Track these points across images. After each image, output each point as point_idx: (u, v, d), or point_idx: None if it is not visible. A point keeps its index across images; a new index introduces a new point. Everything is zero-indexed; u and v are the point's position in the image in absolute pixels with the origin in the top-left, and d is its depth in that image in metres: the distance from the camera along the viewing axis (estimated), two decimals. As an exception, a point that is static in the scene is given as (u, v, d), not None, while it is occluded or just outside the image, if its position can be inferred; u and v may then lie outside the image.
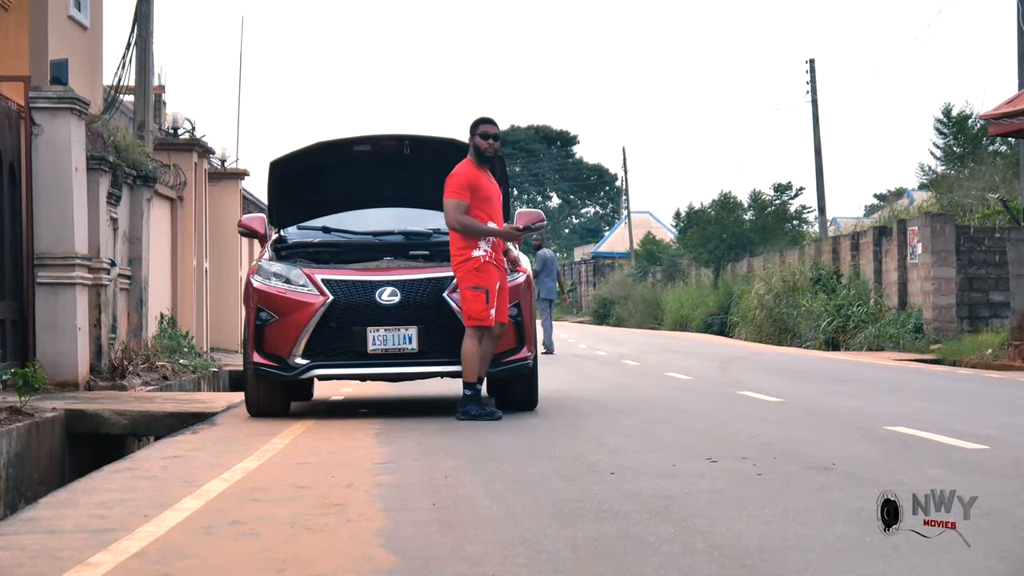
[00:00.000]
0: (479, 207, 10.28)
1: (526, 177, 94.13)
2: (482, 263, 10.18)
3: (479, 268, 10.17)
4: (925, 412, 10.82)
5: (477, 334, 10.17)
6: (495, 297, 10.17)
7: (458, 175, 10.35)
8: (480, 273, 10.16)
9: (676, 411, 11.40)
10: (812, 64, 44.72)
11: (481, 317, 10.13)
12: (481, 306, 10.12)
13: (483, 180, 10.37)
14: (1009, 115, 19.37)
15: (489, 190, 10.37)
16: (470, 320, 10.16)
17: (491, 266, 10.20)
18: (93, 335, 15.30)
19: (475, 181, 10.32)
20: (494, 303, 10.16)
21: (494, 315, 10.17)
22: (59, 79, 15.01)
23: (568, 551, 4.95)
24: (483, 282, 10.15)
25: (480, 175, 10.38)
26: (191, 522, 5.76)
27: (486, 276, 10.16)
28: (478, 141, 10.39)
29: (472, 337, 10.17)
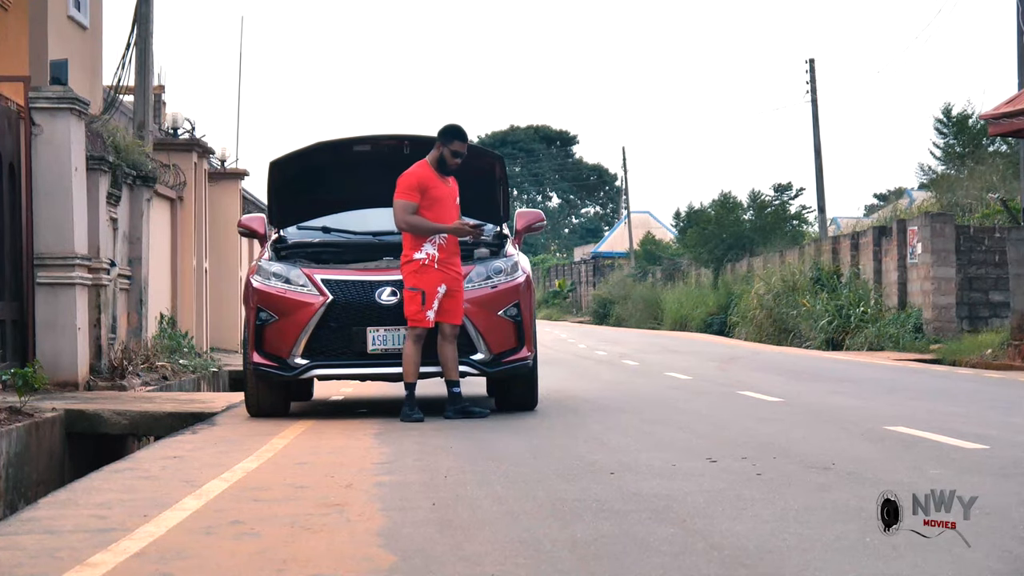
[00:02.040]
0: (428, 208, 10.30)
1: (526, 177, 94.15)
2: (421, 266, 10.25)
3: (418, 270, 10.25)
4: (925, 412, 10.82)
5: (413, 335, 10.23)
6: (433, 299, 10.19)
7: (409, 175, 10.40)
8: (418, 275, 10.24)
9: (676, 411, 11.40)
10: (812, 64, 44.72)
11: (416, 318, 10.22)
12: (416, 307, 10.20)
13: (435, 181, 10.39)
14: (1009, 115, 19.36)
15: (440, 191, 10.39)
16: (409, 320, 10.24)
17: (431, 269, 10.22)
18: (93, 335, 15.29)
19: (426, 182, 10.35)
20: (431, 305, 10.18)
21: (432, 317, 10.20)
22: (59, 79, 15.03)
23: (568, 551, 4.95)
24: (420, 284, 10.22)
25: (433, 176, 10.40)
26: (191, 522, 5.76)
27: (424, 278, 10.22)
28: (446, 154, 10.41)
29: (410, 338, 10.26)
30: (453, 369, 10.38)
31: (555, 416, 10.80)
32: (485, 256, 11.11)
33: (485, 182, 11.88)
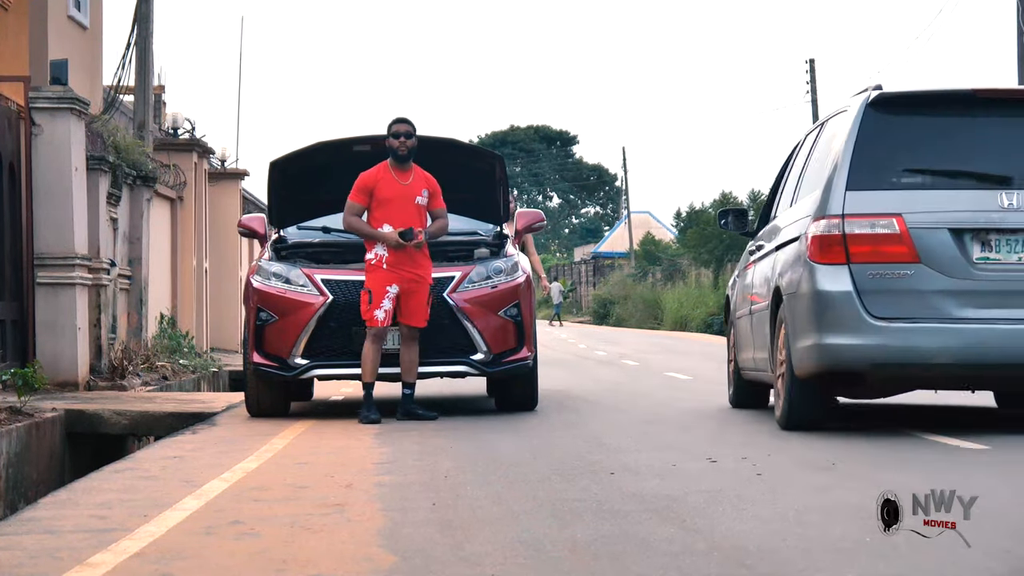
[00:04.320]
0: (378, 207, 10.29)
1: (526, 177, 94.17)
2: (370, 266, 10.26)
3: (368, 270, 10.28)
4: (925, 412, 10.81)
5: (371, 335, 10.26)
6: (381, 298, 10.18)
7: (362, 176, 10.43)
8: (368, 275, 10.26)
9: (676, 411, 11.40)
10: (812, 64, 44.75)
11: (365, 317, 10.23)
12: (364, 306, 10.22)
13: (388, 182, 10.34)
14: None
15: (392, 191, 10.32)
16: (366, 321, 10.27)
17: (379, 269, 10.22)
18: (93, 335, 15.30)
19: (374, 183, 10.32)
20: (379, 304, 10.17)
21: (381, 316, 10.18)
22: (59, 79, 15.02)
23: (568, 551, 4.95)
24: (368, 283, 10.23)
25: (388, 177, 10.35)
26: (191, 522, 5.75)
27: (372, 278, 10.22)
28: (392, 143, 10.40)
29: (367, 337, 10.28)
30: (410, 371, 10.35)
31: (555, 416, 10.80)
32: (485, 256, 11.11)
33: (485, 182, 11.88)
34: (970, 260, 8.38)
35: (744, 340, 10.75)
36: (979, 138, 8.73)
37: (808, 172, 9.45)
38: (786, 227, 9.48)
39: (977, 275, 8.37)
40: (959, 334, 8.34)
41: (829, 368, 8.61)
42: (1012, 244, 8.37)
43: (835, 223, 8.50)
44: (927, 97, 8.94)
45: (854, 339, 8.41)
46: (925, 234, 8.38)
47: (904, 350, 8.38)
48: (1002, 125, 8.73)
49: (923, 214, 8.40)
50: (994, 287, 8.36)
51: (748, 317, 10.54)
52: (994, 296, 8.36)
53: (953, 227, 8.39)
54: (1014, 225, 8.33)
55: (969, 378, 8.89)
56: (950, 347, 8.35)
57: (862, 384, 8.95)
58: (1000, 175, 8.50)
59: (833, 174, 8.61)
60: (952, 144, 8.71)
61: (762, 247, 10.26)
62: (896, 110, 8.73)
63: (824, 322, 8.48)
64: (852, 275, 8.44)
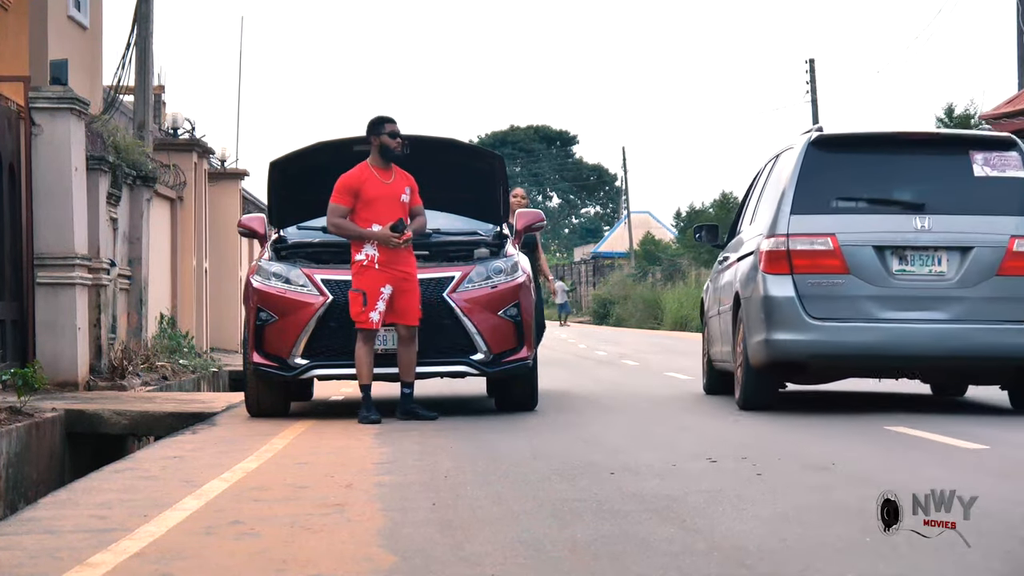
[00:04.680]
0: (364, 207, 10.26)
1: (526, 177, 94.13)
2: (361, 267, 10.20)
3: (359, 272, 10.21)
4: (925, 412, 10.81)
5: (363, 336, 10.21)
6: (376, 300, 10.15)
7: (344, 177, 10.37)
8: (360, 276, 10.20)
9: (676, 411, 11.40)
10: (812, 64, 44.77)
11: (360, 320, 10.18)
12: (358, 308, 10.16)
13: (373, 182, 10.32)
14: (1009, 115, 19.41)
15: (378, 191, 10.29)
16: (355, 323, 10.22)
17: (371, 270, 10.18)
18: (93, 335, 15.30)
19: (360, 184, 10.29)
20: (374, 306, 10.15)
21: (376, 318, 10.17)
22: (59, 79, 15.02)
23: (568, 551, 4.95)
24: (361, 284, 10.18)
25: (372, 177, 10.33)
26: (191, 522, 5.76)
27: (365, 279, 10.17)
28: (386, 141, 10.36)
29: (359, 340, 10.23)
30: (409, 371, 10.34)
31: (555, 416, 10.80)
32: (485, 256, 11.11)
33: (485, 182, 11.88)
34: (890, 272, 10.23)
35: (714, 336, 12.39)
36: (900, 172, 10.62)
37: (764, 197, 11.18)
38: (746, 242, 11.20)
39: (895, 284, 10.21)
40: (881, 332, 10.19)
41: (777, 359, 10.45)
42: (924, 259, 10.25)
43: (782, 241, 10.32)
44: (858, 138, 10.79)
45: (796, 335, 10.25)
46: (854, 250, 10.21)
47: (837, 345, 10.24)
48: (919, 162, 10.65)
49: (853, 234, 10.24)
50: (909, 294, 10.20)
51: (717, 317, 12.18)
52: (909, 301, 10.21)
53: (876, 245, 10.23)
54: (925, 244, 10.22)
55: (890, 368, 10.80)
56: (874, 342, 10.20)
57: (804, 373, 10.92)
58: (915, 203, 10.38)
59: (781, 200, 10.46)
60: (878, 177, 10.55)
61: (728, 258, 11.96)
62: (833, 148, 10.62)
63: (772, 321, 10.29)
64: (795, 283, 10.28)
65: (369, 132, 10.45)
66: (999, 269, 10.19)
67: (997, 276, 10.19)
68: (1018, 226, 10.26)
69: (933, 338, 10.21)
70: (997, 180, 10.40)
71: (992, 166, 10.42)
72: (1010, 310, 10.18)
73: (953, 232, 10.28)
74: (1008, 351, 10.19)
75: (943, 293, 10.23)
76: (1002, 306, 10.18)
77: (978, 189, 10.41)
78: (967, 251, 10.24)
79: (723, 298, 11.89)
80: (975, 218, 10.31)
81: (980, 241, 10.25)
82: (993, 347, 10.20)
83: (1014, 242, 10.18)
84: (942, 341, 10.20)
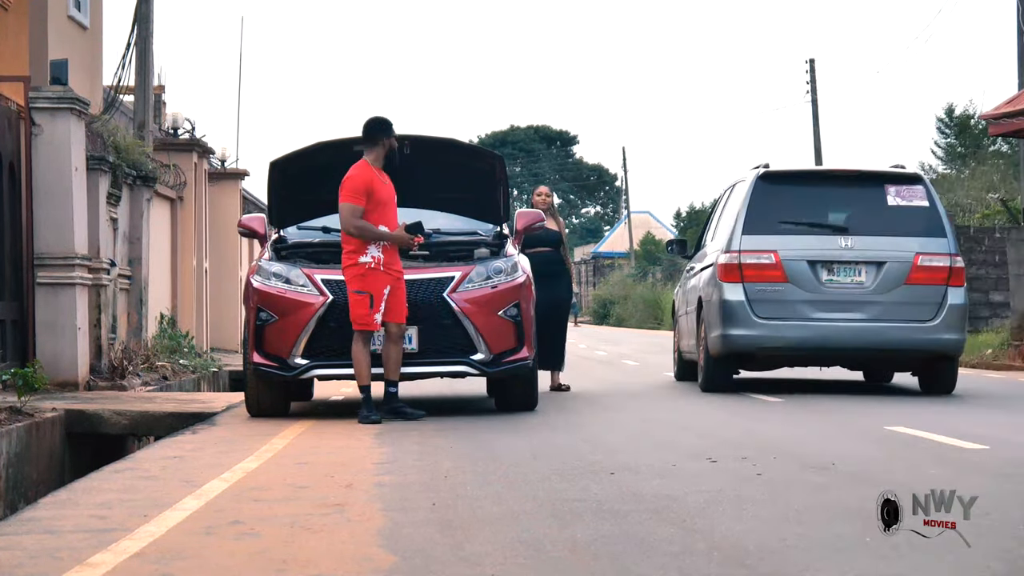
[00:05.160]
0: (373, 210, 10.25)
1: (526, 177, 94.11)
2: (367, 269, 10.16)
3: (364, 274, 10.17)
4: (925, 412, 10.82)
5: (362, 337, 10.19)
6: (380, 301, 10.15)
7: (355, 178, 10.31)
8: (365, 279, 10.16)
9: (676, 411, 11.40)
10: (812, 64, 44.74)
11: (365, 321, 10.15)
12: (364, 310, 10.13)
13: (379, 183, 10.33)
14: (1009, 115, 19.37)
15: (384, 193, 10.32)
16: (355, 324, 10.19)
17: (378, 271, 10.18)
18: (93, 335, 15.30)
19: (371, 185, 10.28)
20: (379, 308, 10.15)
21: (379, 319, 10.16)
22: (59, 79, 15.01)
23: (568, 551, 4.96)
24: (367, 287, 10.15)
25: (376, 178, 10.35)
26: (191, 522, 5.76)
27: (371, 281, 10.16)
28: (392, 144, 10.38)
29: (358, 341, 10.20)
30: (394, 370, 10.33)
31: (555, 416, 10.80)
32: (485, 256, 11.11)
33: (485, 182, 11.89)
34: (820, 281, 12.63)
35: (683, 332, 14.82)
36: (830, 201, 13.05)
37: (722, 219, 13.66)
38: (708, 255, 13.57)
39: (824, 290, 12.61)
40: (813, 329, 12.61)
41: (731, 351, 12.83)
42: (847, 271, 12.63)
43: (735, 256, 12.71)
44: (797, 173, 13.52)
45: (746, 331, 12.60)
46: (792, 264, 12.61)
47: (778, 339, 12.63)
48: (845, 193, 13.08)
49: (791, 251, 12.62)
50: (835, 298, 12.59)
51: (685, 316, 14.58)
52: (835, 304, 12.58)
53: (810, 259, 12.62)
54: (848, 259, 12.63)
55: (821, 358, 13.33)
56: (807, 337, 12.64)
57: (753, 361, 13.30)
58: (841, 226, 12.80)
59: (735, 222, 12.84)
60: (812, 205, 12.96)
61: (694, 267, 14.36)
62: (777, 181, 13.04)
63: (727, 320, 12.62)
64: (745, 290, 12.63)
65: (377, 133, 10.41)
66: (907, 279, 12.56)
67: (905, 284, 12.57)
68: (922, 245, 12.62)
69: (854, 334, 12.57)
70: (906, 208, 12.80)
71: (902, 197, 12.85)
72: (916, 312, 12.54)
73: (871, 250, 12.62)
74: (914, 344, 12.59)
75: (862, 298, 12.58)
76: (909, 309, 12.55)
77: (891, 215, 12.76)
78: (881, 265, 12.59)
79: (689, 300, 14.21)
80: (888, 238, 12.65)
81: (892, 257, 12.59)
82: (902, 341, 12.57)
83: (918, 258, 12.59)
84: (862, 337, 12.57)
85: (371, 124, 10.48)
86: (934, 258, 12.64)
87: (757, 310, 12.54)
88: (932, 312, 12.55)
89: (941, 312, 12.55)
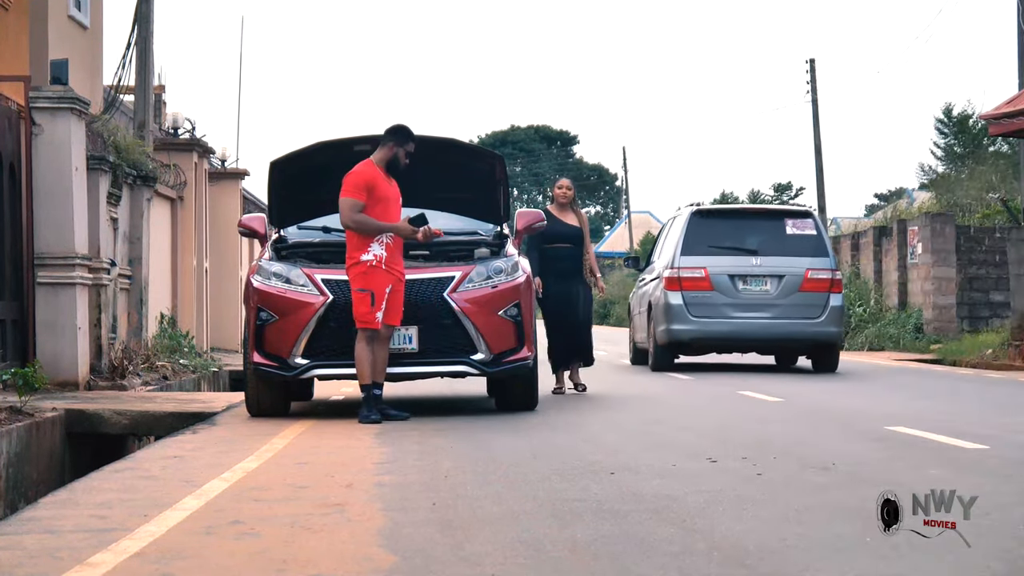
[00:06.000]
0: (373, 207, 10.23)
1: (526, 177, 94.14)
2: (369, 267, 10.13)
3: (366, 272, 10.13)
4: (925, 412, 10.83)
5: (365, 336, 10.16)
6: (382, 300, 10.14)
7: (357, 174, 10.30)
8: (367, 277, 10.13)
9: (676, 411, 11.41)
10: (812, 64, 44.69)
11: (367, 319, 10.12)
12: (366, 308, 10.10)
13: (381, 181, 10.31)
14: (1009, 115, 19.37)
15: (386, 191, 10.31)
16: (358, 323, 10.16)
17: (380, 270, 10.16)
18: (93, 335, 15.30)
19: (373, 182, 10.27)
20: (381, 306, 10.14)
21: (380, 318, 10.14)
22: (59, 79, 15.00)
23: (568, 551, 4.96)
24: (370, 285, 10.12)
25: (379, 176, 10.33)
26: (191, 522, 5.76)
27: (373, 279, 10.13)
28: (400, 154, 10.37)
29: (361, 340, 10.16)
30: (381, 372, 10.30)
31: (555, 416, 10.80)
32: (485, 256, 11.11)
33: (485, 182, 11.89)
34: (737, 289, 17.01)
35: (637, 327, 19.05)
36: (745, 231, 17.37)
37: (666, 243, 18.17)
38: (656, 270, 17.85)
39: (740, 297, 17.01)
40: (732, 325, 16.98)
41: (672, 341, 17.15)
42: (757, 282, 17.01)
43: (675, 271, 17.05)
44: (721, 210, 19.37)
45: (684, 327, 16.93)
46: (717, 277, 16.94)
47: (706, 332, 17.03)
48: (756, 224, 17.55)
49: (716, 267, 16.96)
50: (748, 302, 16.98)
51: (639, 315, 18.73)
52: (748, 306, 16.96)
53: (730, 274, 17.00)
54: (758, 273, 17.01)
55: (738, 347, 17.79)
56: (727, 331, 17.08)
57: (688, 349, 17.63)
58: (753, 249, 17.13)
59: (676, 246, 17.24)
60: (732, 233, 17.37)
61: (645, 278, 18.76)
62: (706, 216, 17.91)
63: (670, 319, 16.91)
64: (683, 296, 16.91)
65: (394, 137, 10.39)
66: (800, 288, 16.89)
67: (799, 292, 16.90)
68: (811, 263, 16.97)
69: (763, 329, 16.98)
70: (799, 236, 17.22)
71: (797, 228, 17.32)
72: (807, 312, 16.86)
73: (774, 266, 16.97)
74: (806, 336, 17.09)
75: (768, 302, 16.93)
76: (802, 310, 16.86)
77: (789, 241, 17.15)
78: (782, 277, 16.94)
79: (642, 303, 18.38)
80: (787, 258, 17.00)
81: (789, 272, 16.94)
82: (798, 334, 17.07)
83: (808, 272, 16.92)
84: (768, 331, 17.00)
85: (394, 127, 10.49)
86: (820, 272, 16.96)
87: (692, 311, 16.85)
88: (819, 312, 16.85)
89: (825, 312, 16.87)
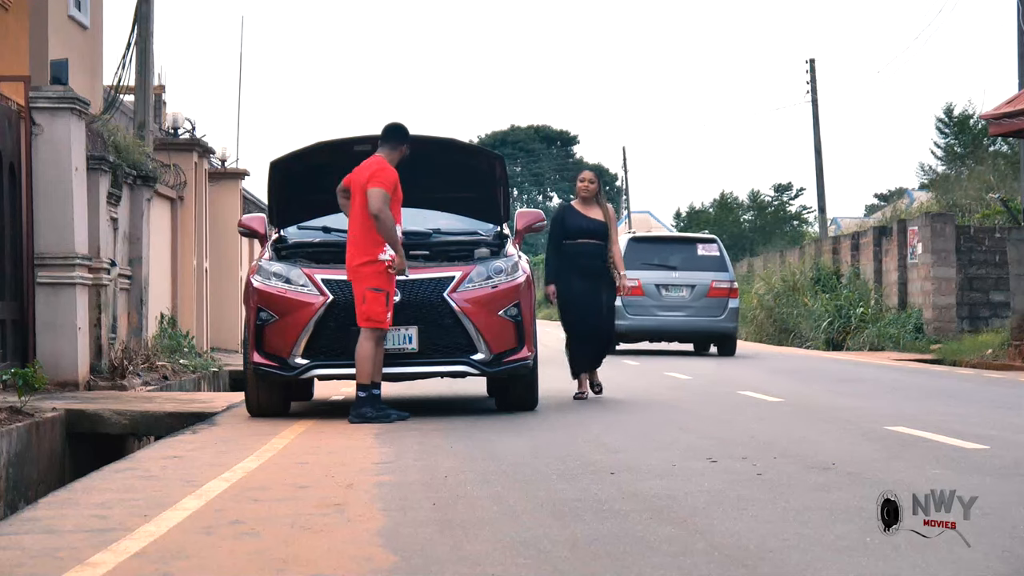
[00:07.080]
0: (393, 207, 10.22)
1: (526, 177, 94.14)
2: (386, 267, 10.12)
3: (383, 271, 10.11)
4: (925, 412, 10.83)
5: (373, 336, 10.13)
6: (392, 301, 10.14)
7: (389, 170, 10.22)
8: (383, 276, 10.10)
9: (676, 411, 11.40)
10: (812, 64, 44.71)
11: (379, 319, 10.09)
12: (381, 308, 10.07)
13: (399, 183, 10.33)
14: (1009, 115, 19.37)
15: (399, 193, 10.31)
16: (368, 321, 10.10)
17: (390, 272, 10.16)
18: (93, 335, 15.30)
19: (397, 182, 10.26)
20: (391, 307, 10.13)
21: (390, 318, 10.15)
22: (59, 79, 15.00)
23: (568, 551, 4.96)
24: (384, 284, 10.11)
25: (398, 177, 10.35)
26: (191, 522, 5.76)
27: (387, 280, 10.13)
28: (406, 151, 10.38)
29: (368, 339, 10.13)
30: (377, 372, 10.30)
31: (555, 416, 10.80)
32: (485, 256, 11.11)
33: (485, 182, 11.89)
34: (661, 295, 22.90)
35: None
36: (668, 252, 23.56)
37: None
38: None
39: (664, 300, 22.89)
40: (658, 320, 22.91)
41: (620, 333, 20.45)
42: (676, 289, 22.92)
43: None
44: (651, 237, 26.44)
45: (623, 322, 21.11)
46: (646, 285, 22.77)
47: (639, 326, 22.92)
48: (677, 248, 23.85)
49: (647, 279, 22.82)
50: (669, 304, 22.84)
51: None
52: (669, 307, 22.82)
53: (655, 283, 22.90)
54: (676, 283, 22.93)
55: (663, 337, 23.77)
56: (654, 326, 23.03)
57: (626, 338, 23.00)
58: (673, 266, 23.10)
59: None
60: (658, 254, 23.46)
61: None
62: (640, 241, 23.95)
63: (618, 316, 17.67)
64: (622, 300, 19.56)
65: (403, 138, 10.40)
66: (707, 294, 22.69)
67: (706, 297, 22.70)
68: (715, 276, 22.81)
69: (681, 324, 22.95)
70: (707, 256, 23.16)
71: (705, 250, 23.28)
72: (712, 312, 22.69)
73: (688, 278, 22.87)
74: (712, 329, 22.95)
75: (684, 304, 22.79)
76: (708, 310, 22.71)
77: (699, 260, 23.13)
78: (694, 286, 22.81)
79: None
80: (697, 272, 22.91)
81: (699, 282, 22.82)
82: (706, 328, 22.96)
83: (713, 283, 22.75)
84: (684, 325, 22.99)
85: (396, 127, 10.48)
86: (721, 283, 22.82)
87: (628, 311, 22.25)
88: (720, 312, 22.68)
89: (725, 312, 22.71)
